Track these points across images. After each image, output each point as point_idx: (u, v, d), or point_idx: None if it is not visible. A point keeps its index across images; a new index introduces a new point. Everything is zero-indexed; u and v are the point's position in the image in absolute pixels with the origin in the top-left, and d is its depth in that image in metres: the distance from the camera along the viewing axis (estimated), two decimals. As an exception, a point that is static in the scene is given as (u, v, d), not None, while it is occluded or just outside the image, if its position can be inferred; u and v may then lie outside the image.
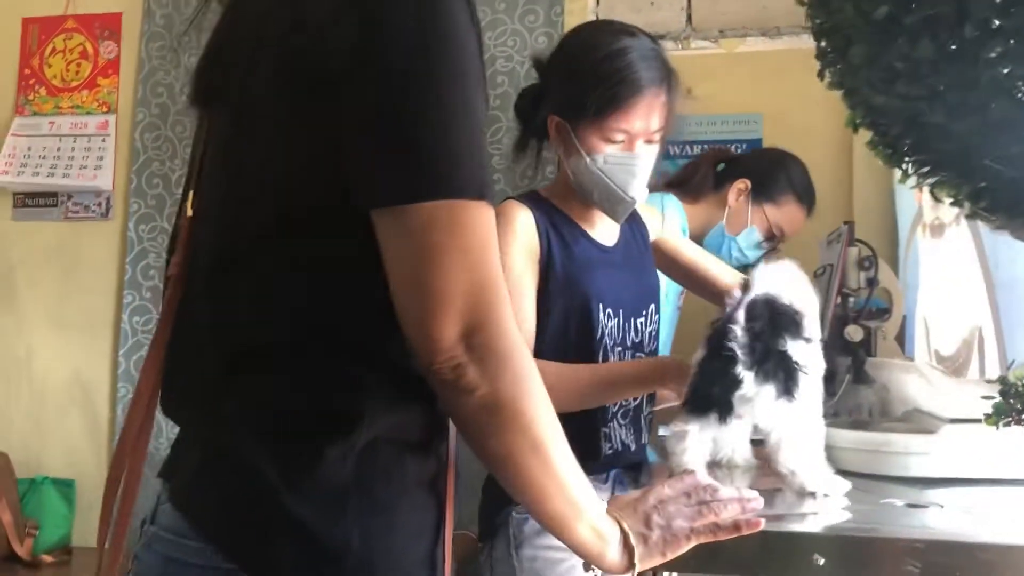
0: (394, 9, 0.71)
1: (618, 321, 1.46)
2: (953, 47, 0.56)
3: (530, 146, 1.50)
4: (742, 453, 1.41)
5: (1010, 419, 0.71)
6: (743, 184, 2.04)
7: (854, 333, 2.07)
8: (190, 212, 0.85)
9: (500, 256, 1.23)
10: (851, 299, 2.14)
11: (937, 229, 2.21)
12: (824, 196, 2.24)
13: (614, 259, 1.51)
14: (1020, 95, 0.56)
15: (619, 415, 1.50)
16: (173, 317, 0.83)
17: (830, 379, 1.32)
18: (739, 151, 3.04)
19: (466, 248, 0.70)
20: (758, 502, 0.94)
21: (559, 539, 0.81)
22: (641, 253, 1.60)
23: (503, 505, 1.42)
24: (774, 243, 2.09)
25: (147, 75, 2.81)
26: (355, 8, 0.72)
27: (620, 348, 1.47)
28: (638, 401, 1.52)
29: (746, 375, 1.23)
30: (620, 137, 1.39)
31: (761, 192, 2.04)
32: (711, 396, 1.27)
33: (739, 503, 0.93)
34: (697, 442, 1.30)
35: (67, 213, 2.85)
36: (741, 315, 1.27)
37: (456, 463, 0.84)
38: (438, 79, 0.70)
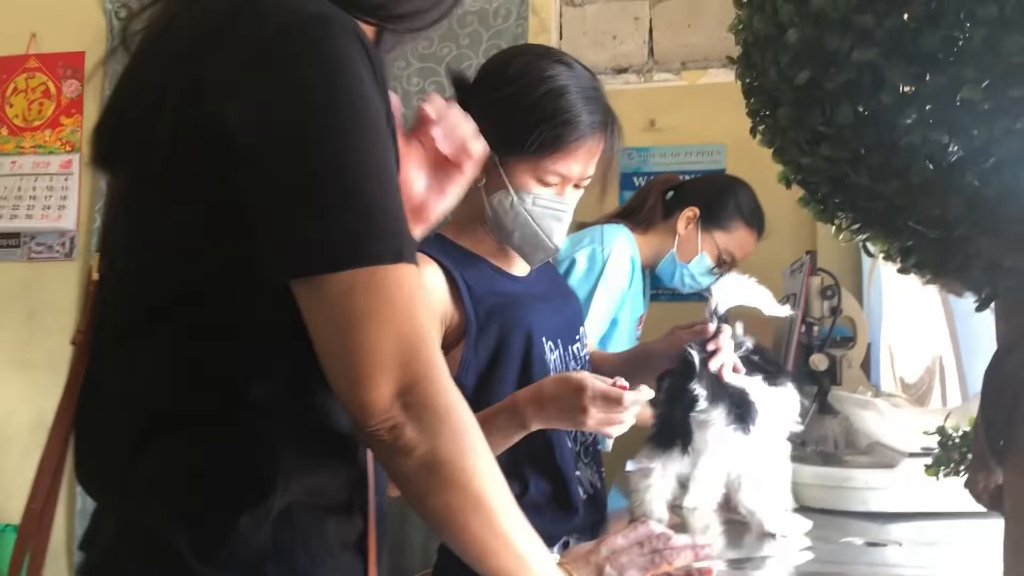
0: (294, 75, 0.70)
1: (560, 352, 1.41)
2: (872, 113, 0.57)
3: None
4: (711, 494, 1.40)
5: (949, 470, 0.72)
6: (692, 212, 2.06)
7: (819, 362, 2.08)
8: (95, 275, 0.83)
9: None
10: (815, 328, 2.15)
11: (898, 257, 2.23)
12: (786, 225, 2.26)
13: (534, 289, 1.43)
14: (937, 160, 0.57)
15: (582, 454, 1.45)
16: (79, 386, 0.81)
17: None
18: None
19: (390, 311, 0.69)
20: (711, 549, 0.94)
21: None
22: (554, 276, 1.56)
23: None
24: (725, 269, 2.10)
25: (111, 113, 2.80)
26: (254, 75, 0.70)
27: None
28: (592, 436, 1.46)
29: (702, 392, 1.24)
30: (555, 180, 1.32)
31: (710, 219, 2.06)
32: (673, 419, 1.27)
33: (692, 551, 0.92)
34: (660, 478, 1.31)
35: (30, 254, 2.82)
36: (712, 326, 1.31)
37: (381, 518, 0.83)
38: (343, 145, 0.69)
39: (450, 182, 0.91)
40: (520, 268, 1.44)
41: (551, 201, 1.33)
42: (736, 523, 1.36)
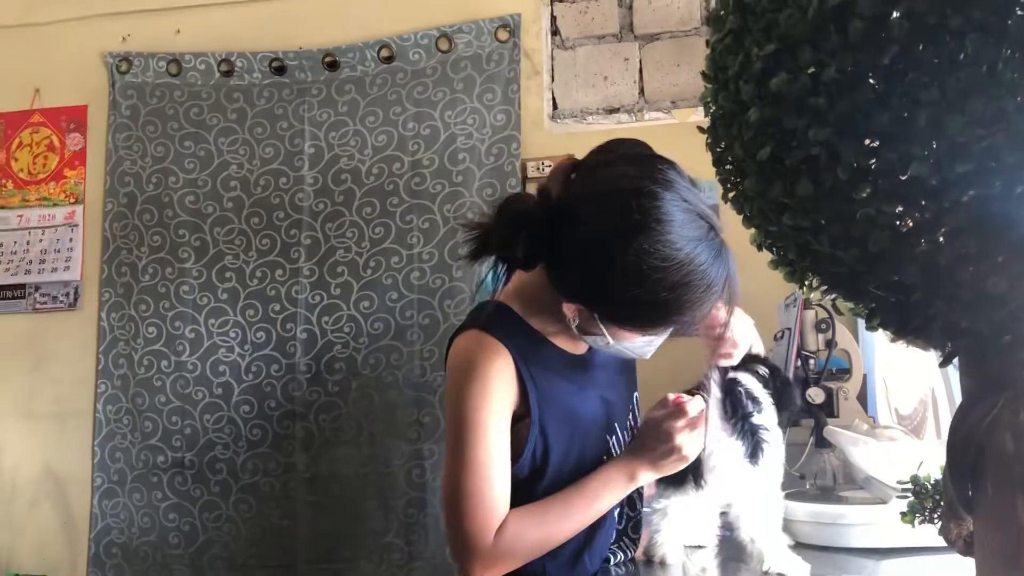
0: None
1: (617, 435, 1.37)
2: (830, 186, 0.61)
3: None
4: (710, 532, 1.43)
5: (923, 518, 0.74)
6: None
7: (815, 395, 2.10)
8: None
9: (475, 417, 1.21)
10: (811, 361, 2.18)
11: (889, 290, 2.25)
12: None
13: (596, 359, 1.36)
14: (893, 230, 0.60)
15: (629, 529, 1.42)
16: None
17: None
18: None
19: None
20: None
21: None
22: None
23: None
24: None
25: (114, 165, 2.85)
26: None
27: None
28: (638, 509, 1.44)
29: (714, 415, 1.27)
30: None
31: None
32: None
33: None
34: (677, 518, 1.34)
35: (35, 304, 2.86)
36: (715, 375, 1.33)
37: None
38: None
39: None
40: (580, 347, 1.35)
41: (650, 338, 1.24)
42: (733, 562, 1.38)
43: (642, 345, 1.24)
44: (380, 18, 2.75)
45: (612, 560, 1.38)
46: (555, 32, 2.77)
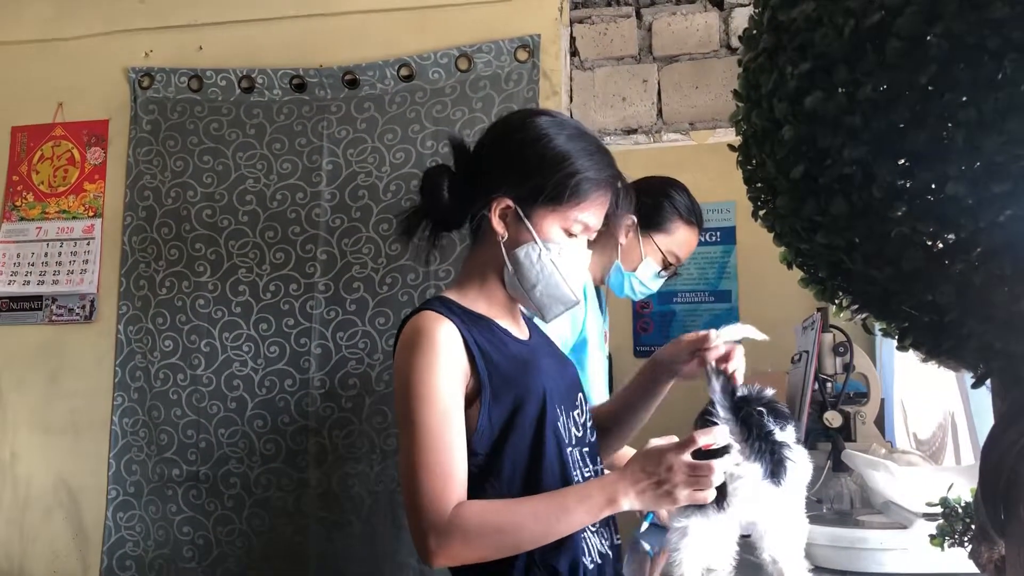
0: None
1: (563, 419, 1.38)
2: (864, 205, 0.61)
3: (421, 229, 1.40)
4: (728, 555, 1.41)
5: (953, 541, 0.74)
6: (629, 220, 2.06)
7: (833, 419, 2.09)
8: None
9: (424, 383, 1.25)
10: (828, 384, 2.17)
11: (908, 314, 2.24)
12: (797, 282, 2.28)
13: (537, 352, 1.43)
14: (927, 249, 0.60)
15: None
16: None
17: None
18: (715, 239, 3.11)
19: None
20: None
21: None
22: (549, 342, 1.54)
23: None
24: (672, 270, 2.12)
25: (134, 179, 2.87)
26: None
27: (570, 447, 1.37)
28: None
29: (734, 445, 1.25)
30: (579, 229, 1.36)
31: (648, 223, 2.06)
32: None
33: None
34: (697, 539, 1.32)
35: (51, 316, 2.87)
36: (717, 386, 1.31)
37: None
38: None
39: None
40: (523, 332, 1.45)
41: (574, 252, 1.37)
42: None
43: (569, 261, 1.35)
44: (400, 37, 2.77)
45: (600, 545, 1.36)
46: (574, 53, 2.79)
